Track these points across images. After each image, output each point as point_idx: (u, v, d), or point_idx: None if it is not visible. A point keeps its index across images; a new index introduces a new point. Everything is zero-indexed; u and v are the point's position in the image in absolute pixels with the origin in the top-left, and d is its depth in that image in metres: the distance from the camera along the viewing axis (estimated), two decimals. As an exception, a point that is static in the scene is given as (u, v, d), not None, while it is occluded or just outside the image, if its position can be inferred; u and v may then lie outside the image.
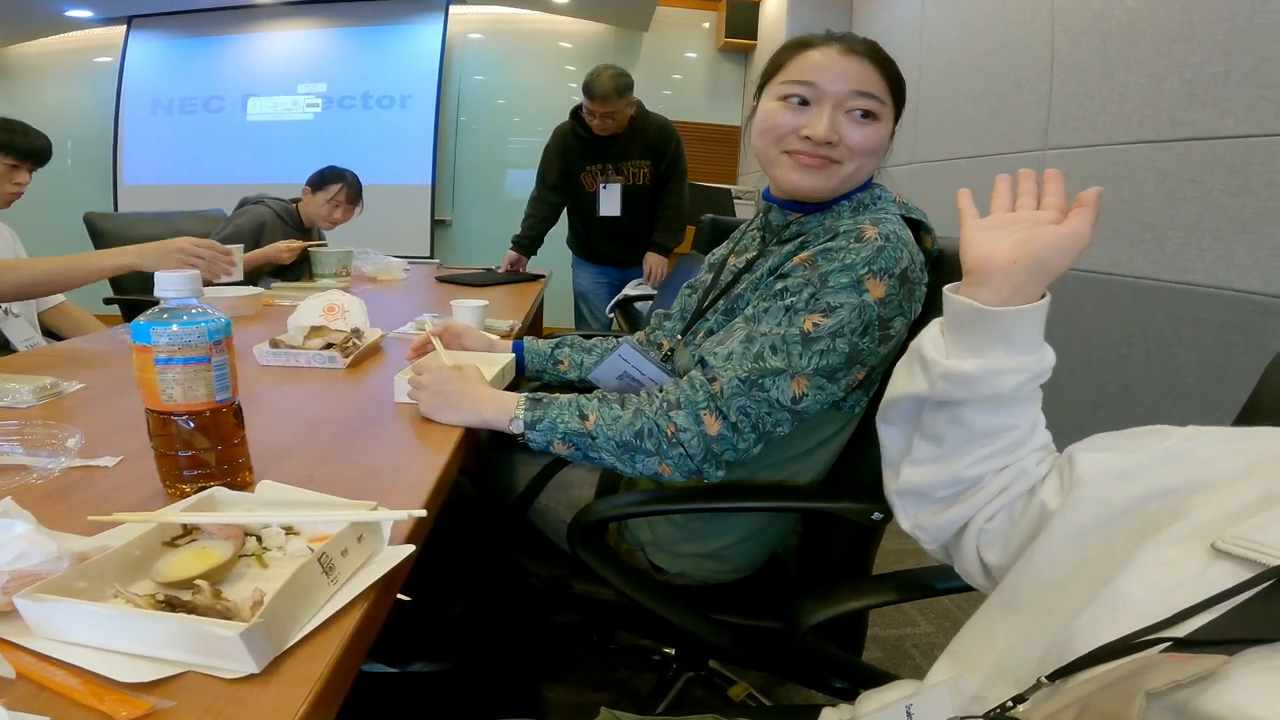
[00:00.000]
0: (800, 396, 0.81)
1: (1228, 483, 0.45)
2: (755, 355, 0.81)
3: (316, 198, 2.36)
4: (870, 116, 0.87)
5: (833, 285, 0.80)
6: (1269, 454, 0.45)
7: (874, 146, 0.88)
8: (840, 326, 0.79)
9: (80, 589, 0.45)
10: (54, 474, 0.68)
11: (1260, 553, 0.40)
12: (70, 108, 4.63)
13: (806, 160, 0.87)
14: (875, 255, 0.80)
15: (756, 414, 0.81)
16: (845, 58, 0.87)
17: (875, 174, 0.95)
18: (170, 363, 0.60)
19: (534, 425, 0.85)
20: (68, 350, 1.27)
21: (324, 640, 0.46)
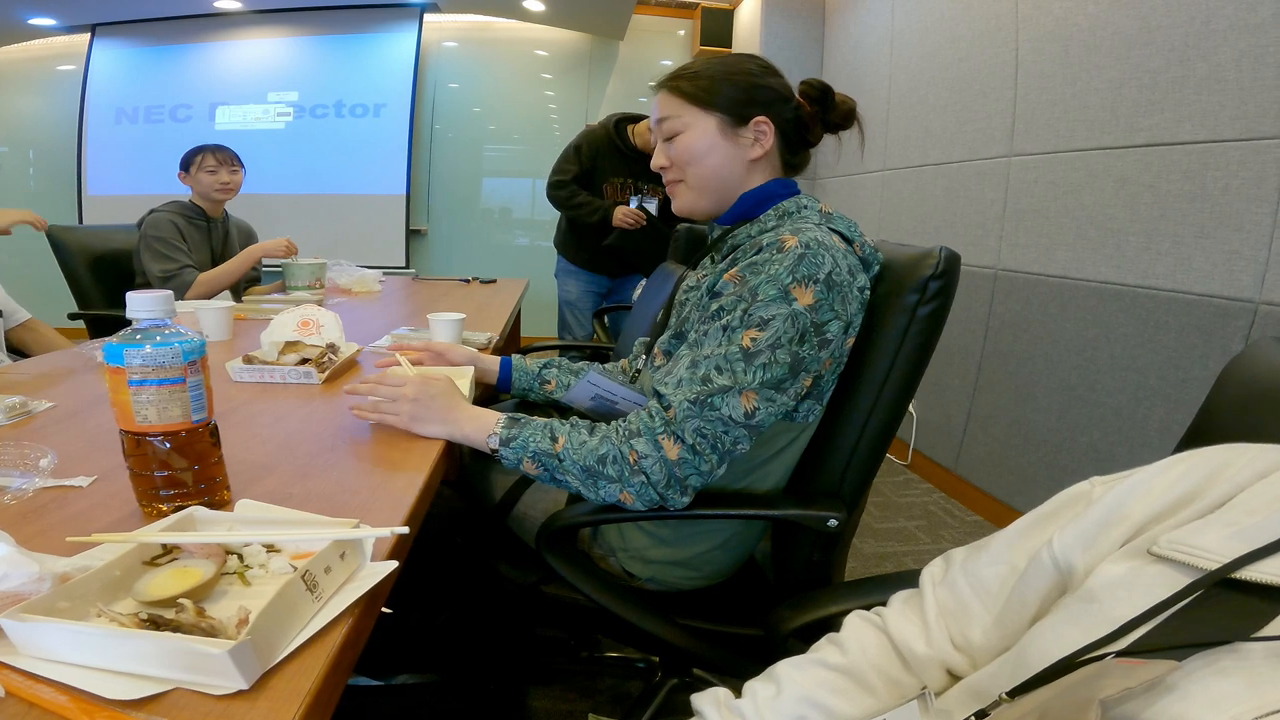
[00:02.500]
0: (752, 411, 0.82)
1: (1172, 512, 0.46)
2: (702, 378, 0.83)
3: (194, 175, 2.22)
4: (675, 135, 0.98)
5: (762, 298, 0.82)
6: (1193, 481, 0.47)
7: (690, 153, 0.97)
8: (777, 338, 0.82)
9: (63, 609, 0.45)
10: (28, 494, 0.67)
11: (1197, 557, 0.41)
12: (33, 117, 4.53)
13: (669, 189, 1.03)
14: (797, 263, 0.82)
15: (713, 433, 0.82)
16: (654, 99, 1.01)
17: (808, 185, 1.00)
18: (144, 384, 0.59)
19: (508, 443, 0.87)
20: (35, 368, 1.25)
21: (310, 656, 0.47)
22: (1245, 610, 0.38)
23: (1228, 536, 0.41)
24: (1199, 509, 0.45)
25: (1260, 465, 0.45)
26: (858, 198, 3.29)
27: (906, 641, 0.56)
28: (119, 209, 4.17)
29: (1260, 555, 0.39)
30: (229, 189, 2.28)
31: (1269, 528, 0.41)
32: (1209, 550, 0.41)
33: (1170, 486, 0.48)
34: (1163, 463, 0.49)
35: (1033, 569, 0.52)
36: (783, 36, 3.81)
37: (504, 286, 2.69)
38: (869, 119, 3.27)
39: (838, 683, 0.56)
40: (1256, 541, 0.40)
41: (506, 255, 4.85)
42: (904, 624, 0.57)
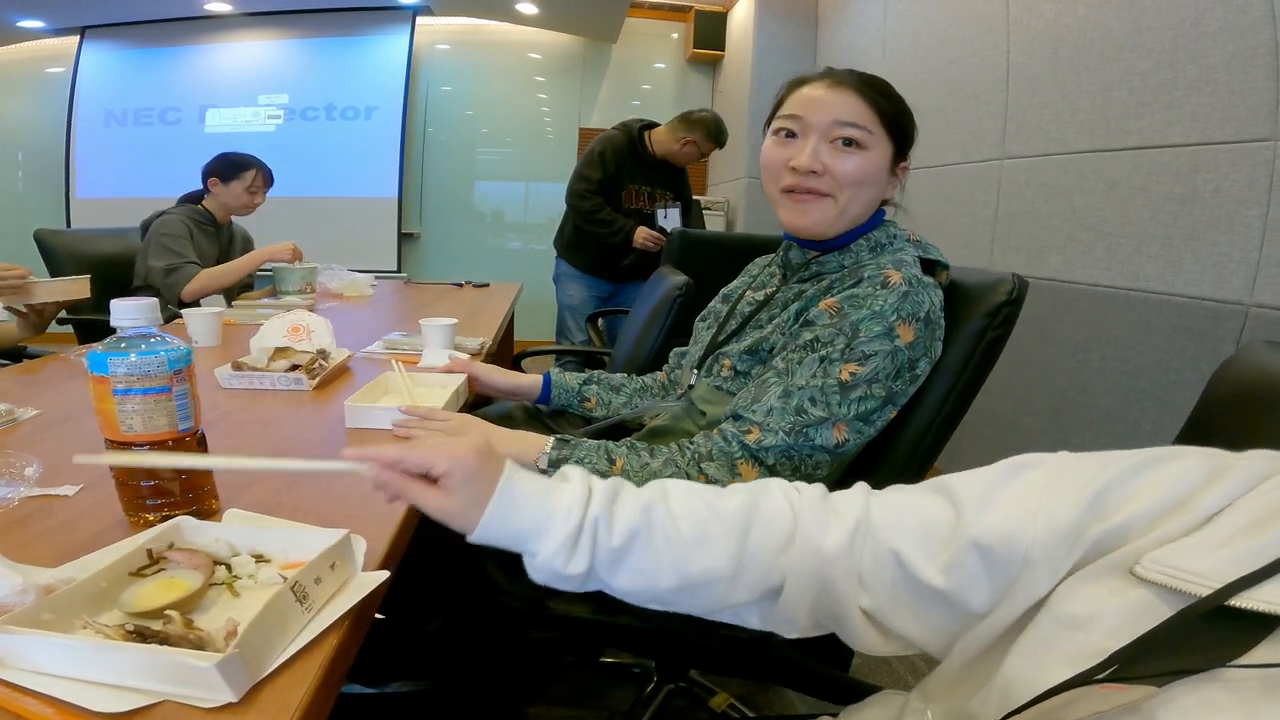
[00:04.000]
0: (842, 442, 0.83)
1: (1153, 521, 0.44)
2: (796, 409, 0.82)
3: (231, 187, 2.25)
4: (853, 144, 0.88)
5: (865, 334, 0.82)
6: (1183, 487, 0.45)
7: (862, 175, 0.89)
8: (876, 373, 0.82)
9: (48, 620, 0.45)
10: (12, 503, 0.66)
11: (1186, 582, 0.39)
12: (21, 119, 4.50)
13: (798, 196, 0.90)
14: (902, 301, 0.82)
15: (799, 457, 0.83)
16: (831, 90, 0.89)
17: (891, 211, 0.97)
18: (130, 393, 0.59)
19: (558, 464, 0.85)
20: (21, 375, 1.23)
21: (301, 668, 0.46)
22: (1230, 636, 0.37)
23: (1220, 560, 0.39)
24: (1188, 522, 0.43)
25: (1250, 476, 0.43)
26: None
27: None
28: (107, 212, 4.15)
29: (1253, 581, 0.38)
30: (252, 209, 2.33)
31: (1262, 550, 0.39)
32: (1199, 575, 0.39)
33: (1160, 492, 0.44)
34: (1159, 453, 0.47)
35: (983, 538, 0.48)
36: (776, 39, 3.81)
37: (497, 290, 2.68)
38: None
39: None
40: (1249, 565, 0.38)
41: (499, 259, 4.84)
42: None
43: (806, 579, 0.53)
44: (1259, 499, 0.42)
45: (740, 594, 0.55)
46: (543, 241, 4.67)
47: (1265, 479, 0.43)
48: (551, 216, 4.70)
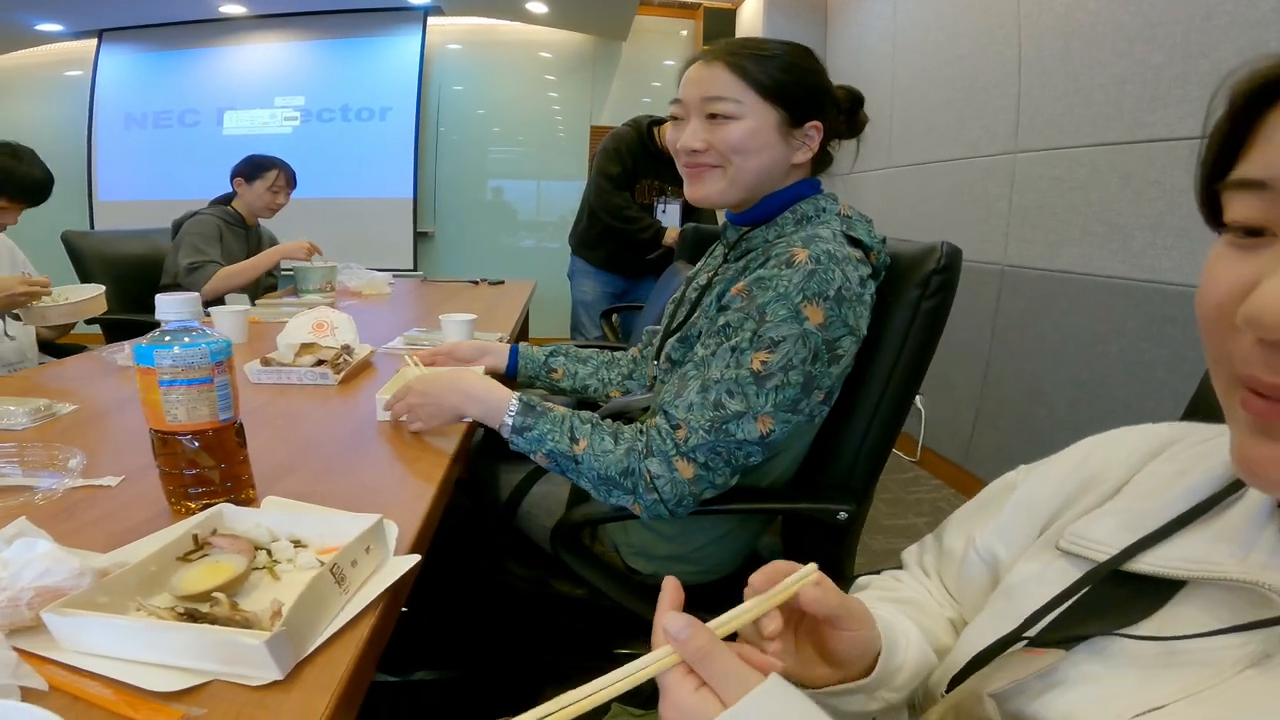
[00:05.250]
0: (767, 433, 0.82)
1: (1069, 502, 0.47)
2: (714, 403, 0.81)
3: (254, 187, 2.32)
4: (723, 118, 0.88)
5: (771, 319, 0.80)
6: (1090, 469, 0.48)
7: (740, 144, 0.88)
8: (788, 359, 0.80)
9: (103, 603, 0.47)
10: (57, 494, 0.69)
11: (1088, 549, 0.42)
12: (42, 123, 4.56)
13: (692, 171, 0.93)
14: (808, 280, 0.80)
15: (727, 452, 0.82)
16: (702, 67, 0.90)
17: (833, 184, 0.98)
18: (174, 384, 0.61)
19: (521, 431, 0.86)
20: (59, 372, 1.27)
21: (340, 647, 0.48)
22: (1137, 601, 0.38)
23: (1117, 526, 0.42)
24: (1100, 495, 0.45)
25: (1154, 443, 0.46)
26: (861, 196, 3.30)
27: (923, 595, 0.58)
28: (130, 214, 4.22)
29: (1146, 545, 0.39)
30: (276, 210, 2.38)
31: (1154, 515, 0.41)
32: (1100, 542, 0.41)
33: (1070, 474, 0.48)
34: (1067, 450, 0.50)
35: (968, 561, 0.54)
36: (785, 36, 3.79)
37: (512, 287, 2.71)
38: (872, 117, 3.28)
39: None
40: (1142, 530, 0.40)
41: (513, 256, 4.87)
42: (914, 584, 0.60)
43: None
44: (1163, 465, 0.44)
45: None
46: (555, 239, 4.70)
47: (1171, 445, 0.45)
48: (564, 214, 4.73)
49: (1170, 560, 0.38)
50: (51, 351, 1.71)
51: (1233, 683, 0.33)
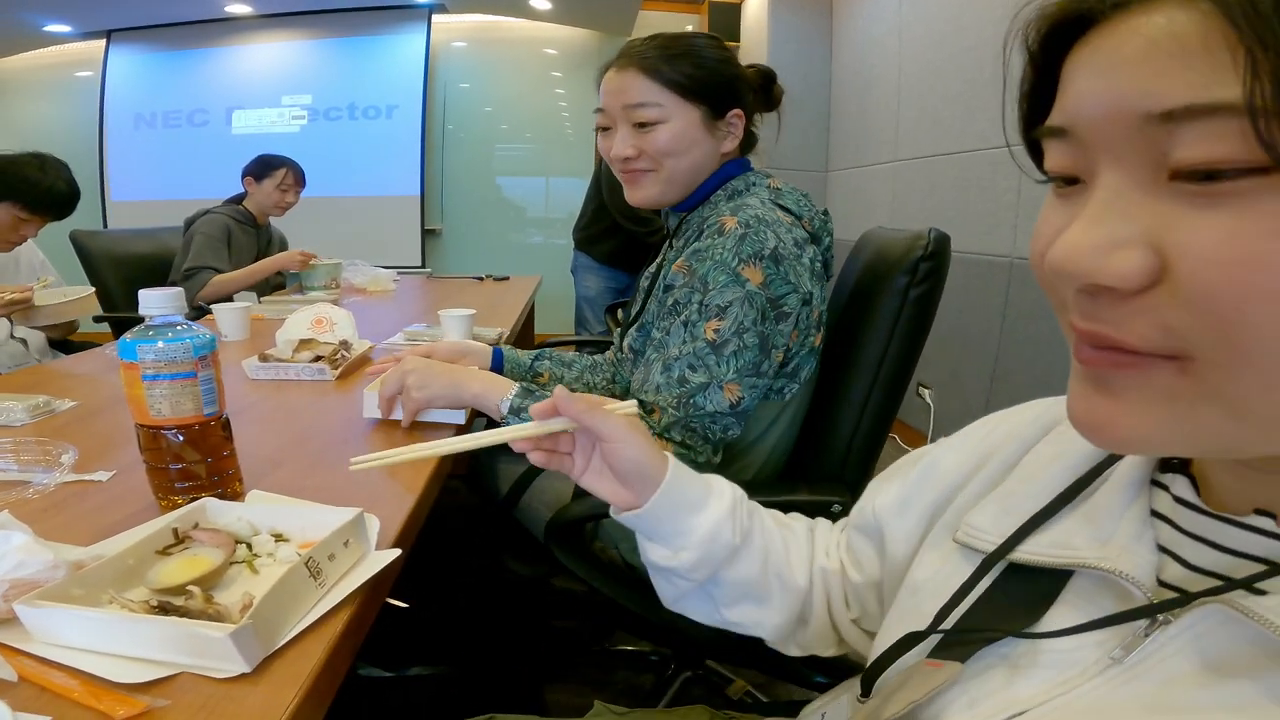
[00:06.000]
0: (737, 401, 0.83)
1: (968, 477, 0.46)
2: (679, 380, 0.83)
3: (263, 186, 2.35)
4: (649, 123, 0.90)
5: (714, 286, 0.82)
6: (990, 443, 0.46)
7: (670, 146, 0.91)
8: (739, 323, 0.82)
9: (77, 595, 0.47)
10: (49, 489, 0.70)
11: (977, 539, 0.40)
12: (53, 124, 4.62)
13: (628, 176, 0.95)
14: (740, 244, 0.82)
15: (701, 426, 0.83)
16: (619, 74, 0.92)
17: (762, 161, 0.99)
18: (157, 378, 0.62)
19: (517, 412, 0.87)
20: (60, 369, 1.29)
21: (313, 641, 0.48)
22: (1032, 594, 0.36)
23: (999, 513, 0.40)
24: (990, 473, 0.44)
25: (1045, 419, 0.44)
26: (867, 189, 3.27)
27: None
28: (142, 213, 4.27)
29: (1026, 532, 0.38)
30: (285, 208, 2.40)
31: (1033, 499, 0.39)
32: (985, 531, 0.40)
33: (975, 446, 0.47)
34: (979, 421, 0.49)
35: (864, 523, 0.54)
36: (791, 29, 3.78)
37: (517, 283, 2.71)
38: (879, 111, 3.25)
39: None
40: (1022, 516, 0.38)
41: (521, 253, 4.87)
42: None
43: (821, 592, 0.58)
44: (1047, 445, 0.42)
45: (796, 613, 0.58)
46: (563, 235, 4.68)
47: (1060, 422, 0.42)
48: (572, 210, 4.70)
49: (1042, 548, 0.37)
50: (64, 349, 1.74)
51: (1085, 689, 0.31)
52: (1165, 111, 0.24)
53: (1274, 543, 0.30)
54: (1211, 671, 0.28)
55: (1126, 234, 0.25)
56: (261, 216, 2.40)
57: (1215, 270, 0.23)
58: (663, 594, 0.61)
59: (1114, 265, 0.25)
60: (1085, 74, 0.27)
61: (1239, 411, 0.25)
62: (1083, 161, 0.28)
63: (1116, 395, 0.27)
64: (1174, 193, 0.25)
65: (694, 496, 0.55)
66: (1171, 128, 0.24)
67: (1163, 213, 0.25)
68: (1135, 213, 0.25)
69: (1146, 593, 0.32)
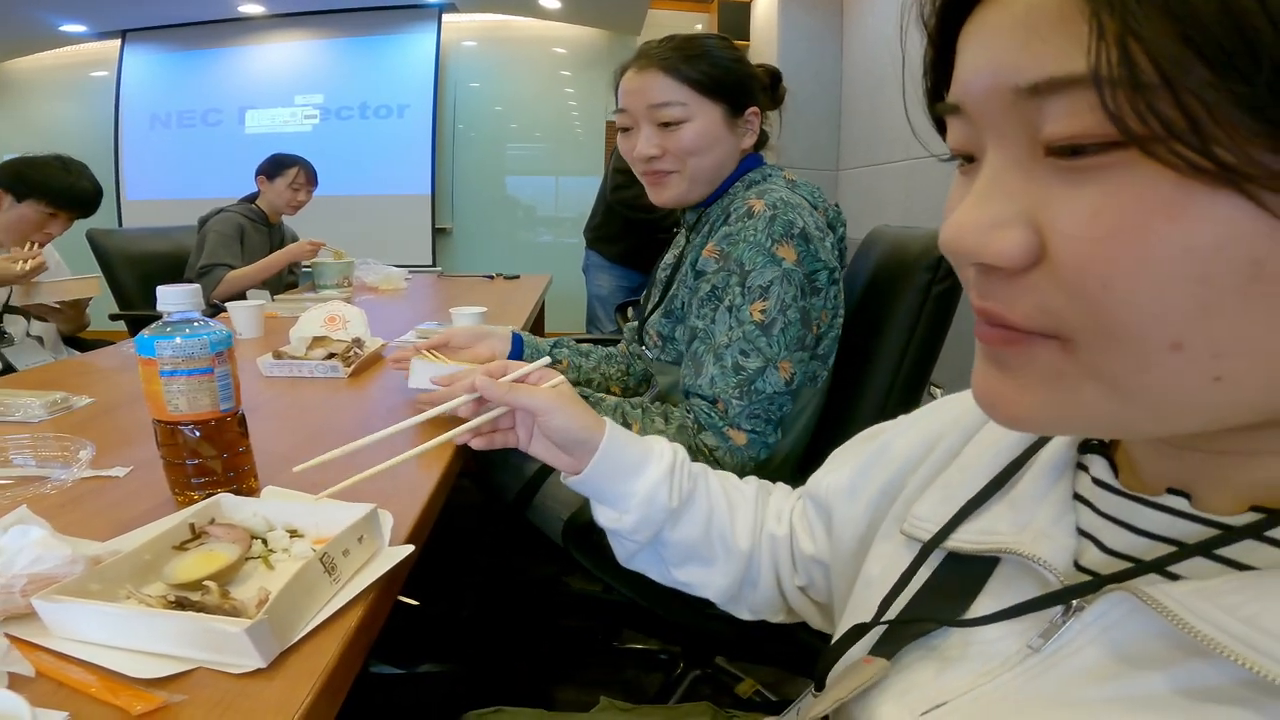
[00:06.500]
0: (791, 378, 0.86)
1: (917, 463, 0.45)
2: (734, 367, 0.85)
3: (275, 184, 2.37)
4: (673, 122, 0.92)
5: (751, 268, 0.85)
6: (938, 427, 0.46)
7: (694, 145, 0.92)
8: (782, 300, 0.84)
9: (94, 590, 0.47)
10: (67, 484, 0.70)
11: (919, 528, 0.40)
12: (69, 123, 4.67)
13: (651, 178, 0.97)
14: (771, 224, 0.85)
15: (764, 410, 0.86)
16: (641, 74, 0.93)
17: (773, 156, 1.02)
18: (175, 374, 0.62)
19: None
20: (78, 366, 1.30)
21: (327, 637, 0.48)
22: (963, 582, 0.36)
23: (938, 501, 0.40)
24: (934, 461, 0.43)
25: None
26: (880, 188, 3.25)
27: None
28: (157, 212, 4.30)
29: (959, 520, 0.37)
30: (297, 207, 2.43)
31: (967, 486, 0.39)
32: (925, 520, 0.39)
33: (925, 431, 0.46)
34: (932, 404, 0.49)
35: (815, 496, 0.54)
36: (801, 28, 3.76)
37: (527, 282, 2.72)
38: (892, 108, 3.23)
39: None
40: (957, 503, 0.38)
41: (531, 252, 4.88)
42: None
43: (769, 557, 0.59)
44: (986, 432, 0.42)
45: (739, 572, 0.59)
46: (573, 234, 4.69)
47: None
48: (581, 209, 4.70)
49: (971, 535, 0.36)
50: (79, 347, 1.75)
51: (1004, 679, 0.31)
52: (1030, 85, 0.23)
53: (1186, 523, 0.28)
54: (1119, 663, 0.28)
55: (1007, 213, 0.25)
56: (274, 215, 2.42)
57: (1082, 248, 0.23)
58: (617, 553, 0.62)
59: (995, 244, 0.25)
60: (969, 48, 0.27)
61: (1119, 391, 0.25)
62: (974, 139, 0.27)
63: (1009, 373, 0.27)
64: (1049, 169, 0.24)
65: (632, 460, 0.58)
66: (1039, 102, 0.23)
67: (1039, 190, 0.25)
68: (1016, 191, 0.25)
69: (1060, 578, 0.31)
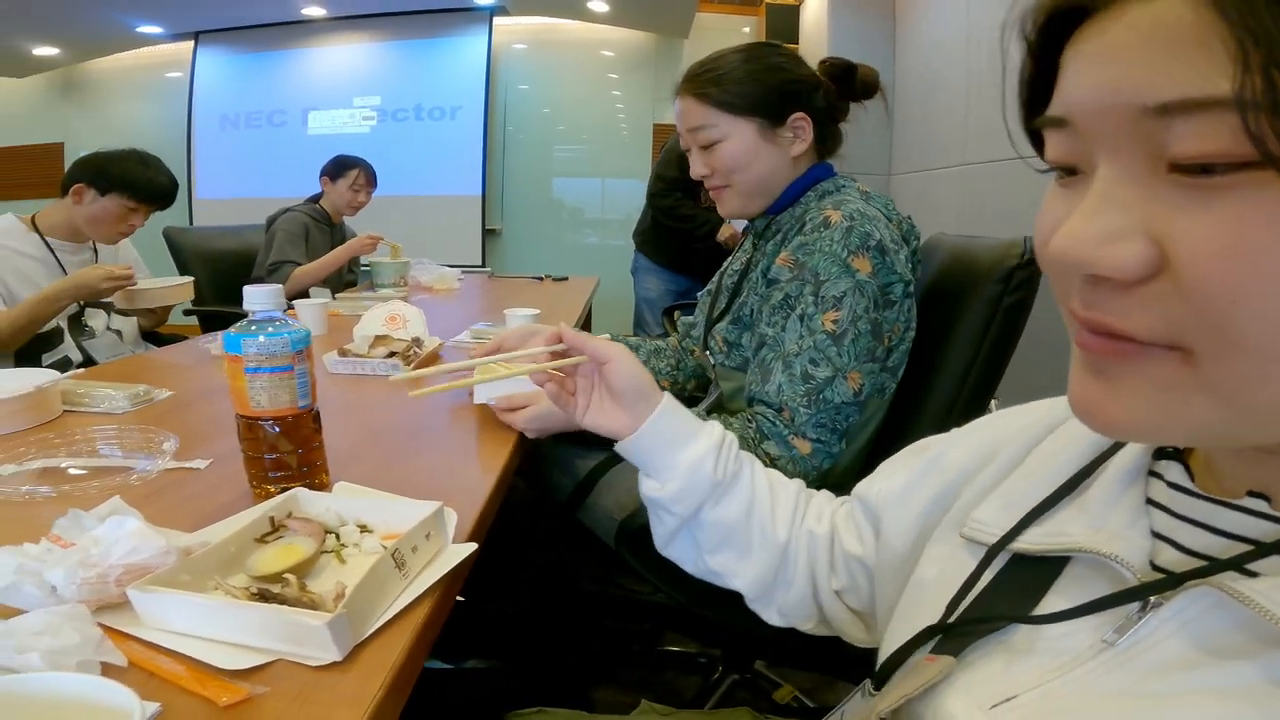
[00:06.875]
0: (859, 389, 0.85)
1: (974, 473, 0.46)
2: (803, 375, 0.85)
3: (338, 186, 2.47)
4: (711, 145, 0.96)
5: (825, 278, 0.85)
6: (995, 439, 0.47)
7: (732, 162, 0.96)
8: (854, 311, 0.84)
9: (184, 581, 0.50)
10: (152, 475, 0.74)
11: (980, 532, 0.41)
12: (145, 123, 4.87)
13: (713, 195, 1.01)
14: (848, 236, 0.85)
15: (830, 420, 0.85)
16: (679, 102, 0.98)
17: (841, 165, 1.02)
18: (259, 371, 0.65)
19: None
20: (155, 360, 1.37)
21: (396, 631, 0.50)
22: (1030, 583, 0.37)
23: (1001, 507, 0.41)
24: (995, 470, 0.44)
25: (1049, 419, 0.44)
26: (932, 193, 3.19)
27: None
28: (225, 211, 4.47)
29: (1026, 524, 0.39)
30: (357, 208, 2.52)
31: (1033, 493, 0.40)
32: (988, 525, 0.41)
33: (980, 441, 0.47)
34: (985, 418, 0.50)
35: (865, 501, 0.55)
36: (852, 31, 3.70)
37: (575, 284, 2.75)
38: (948, 113, 3.16)
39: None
40: (1022, 510, 0.39)
41: (577, 254, 4.91)
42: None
43: (806, 557, 0.60)
44: (1049, 443, 0.43)
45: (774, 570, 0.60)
46: (618, 237, 4.71)
47: (1065, 421, 0.43)
48: (628, 212, 4.73)
49: (1039, 537, 0.38)
50: (153, 340, 1.84)
51: (1077, 673, 0.32)
52: (1160, 105, 0.24)
53: (1266, 524, 0.29)
54: (1202, 654, 0.28)
55: (1124, 225, 0.26)
56: (336, 215, 2.50)
57: (1210, 264, 0.24)
58: (656, 537, 0.64)
59: (1113, 256, 0.26)
60: (1083, 65, 0.27)
61: (1232, 403, 0.25)
62: (1081, 152, 0.28)
63: (1112, 381, 0.28)
64: (1172, 185, 0.25)
65: (684, 430, 0.60)
66: (1167, 121, 0.24)
67: (1161, 205, 0.25)
68: (1133, 204, 0.26)
69: (1137, 575, 0.32)
